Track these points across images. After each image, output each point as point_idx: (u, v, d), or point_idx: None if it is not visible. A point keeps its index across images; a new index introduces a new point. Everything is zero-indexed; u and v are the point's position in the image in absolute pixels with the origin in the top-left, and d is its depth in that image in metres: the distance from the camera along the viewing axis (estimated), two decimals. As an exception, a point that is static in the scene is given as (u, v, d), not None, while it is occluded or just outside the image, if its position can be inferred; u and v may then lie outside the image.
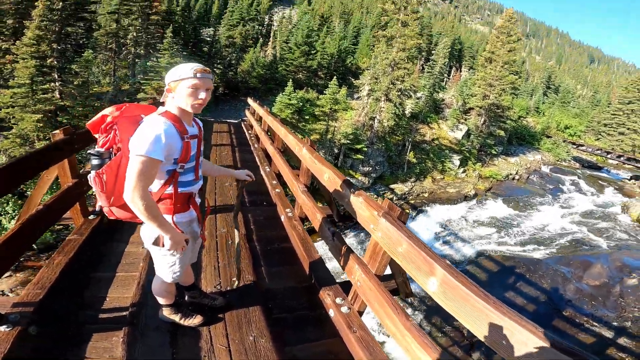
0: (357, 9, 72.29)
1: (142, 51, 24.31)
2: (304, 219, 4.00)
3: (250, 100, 12.59)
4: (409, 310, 10.89)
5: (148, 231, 1.71)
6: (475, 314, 1.29)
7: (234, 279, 2.69)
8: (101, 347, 2.02)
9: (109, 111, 1.63)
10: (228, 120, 15.99)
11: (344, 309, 2.35)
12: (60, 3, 16.92)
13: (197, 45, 29.29)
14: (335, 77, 23.39)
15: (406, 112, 24.07)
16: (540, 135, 37.42)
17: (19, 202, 10.70)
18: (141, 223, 1.66)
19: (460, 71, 53.74)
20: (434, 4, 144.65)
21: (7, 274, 9.36)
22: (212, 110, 23.46)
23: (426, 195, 21.74)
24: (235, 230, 2.36)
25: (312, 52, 31.94)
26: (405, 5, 21.34)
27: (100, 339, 2.08)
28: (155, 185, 1.60)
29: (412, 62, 22.26)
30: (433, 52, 40.51)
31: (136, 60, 24.26)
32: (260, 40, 43.10)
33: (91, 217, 3.45)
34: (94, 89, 18.91)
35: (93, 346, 2.03)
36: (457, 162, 25.84)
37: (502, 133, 29.47)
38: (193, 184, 1.71)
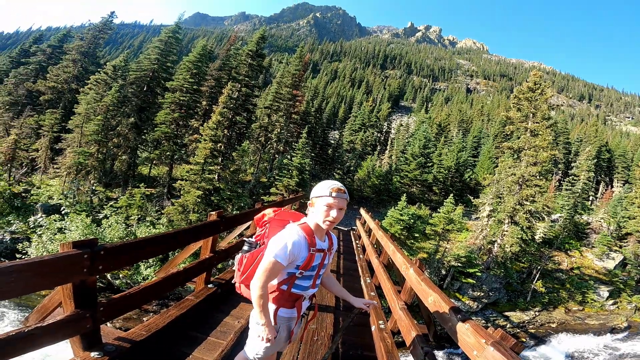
0: (476, 117, 70.50)
1: (281, 147, 28.55)
2: (395, 333, 3.88)
3: (362, 211, 13.19)
4: None
5: (256, 314, 1.91)
6: None
7: None
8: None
9: (268, 212, 2.02)
10: (339, 227, 16.66)
11: None
12: (237, 93, 21.46)
13: (323, 148, 32.60)
14: (451, 194, 22.24)
15: (536, 237, 20.66)
16: None
17: (159, 256, 13.05)
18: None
19: (612, 187, 44.90)
20: (568, 106, 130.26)
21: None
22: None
23: (554, 325, 17.81)
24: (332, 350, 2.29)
25: (429, 164, 31.38)
26: (534, 112, 18.83)
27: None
28: (277, 279, 1.85)
29: (546, 178, 19.02)
30: (573, 164, 35.56)
31: (275, 155, 28.39)
32: (378, 147, 46.15)
33: (210, 285, 4.03)
34: (241, 177, 22.70)
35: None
36: (605, 294, 20.84)
37: (676, 262, 22.63)
38: (306, 289, 1.87)
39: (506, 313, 17.94)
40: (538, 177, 18.16)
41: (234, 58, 27.19)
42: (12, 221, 15.59)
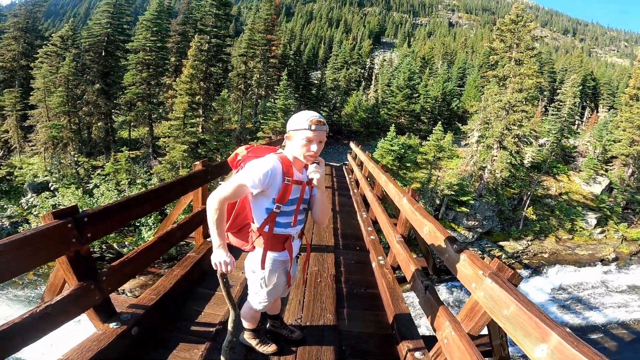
0: (460, 49, 69.49)
1: (262, 92, 28.33)
2: (396, 268, 3.92)
3: (352, 145, 13.09)
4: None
5: (249, 263, 1.91)
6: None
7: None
8: (182, 356, 2.22)
9: (240, 150, 1.90)
10: (331, 163, 16.69)
11: (422, 366, 2.09)
12: (207, 45, 20.70)
13: (307, 88, 32.15)
14: (439, 122, 22.16)
15: (525, 161, 21.27)
16: None
17: (159, 217, 13.13)
18: (248, 251, 1.90)
19: (597, 112, 45.56)
20: (553, 39, 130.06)
21: (130, 276, 11.36)
22: (316, 152, 25.60)
23: (546, 255, 18.70)
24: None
25: (415, 95, 31.25)
26: (518, 43, 19.13)
27: (184, 349, 2.29)
28: (257, 222, 1.78)
29: (532, 104, 19.41)
30: (558, 91, 35.66)
31: (258, 100, 28.25)
32: (363, 83, 45.25)
33: (209, 239, 3.90)
34: (226, 126, 22.31)
35: (175, 354, 2.23)
36: (593, 221, 21.63)
37: (658, 187, 23.73)
38: (288, 227, 1.80)
39: (500, 243, 18.72)
40: (524, 102, 18.58)
41: (197, 10, 25.34)
42: (5, 206, 15.39)
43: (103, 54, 21.36)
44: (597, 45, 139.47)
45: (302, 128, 1.61)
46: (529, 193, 20.86)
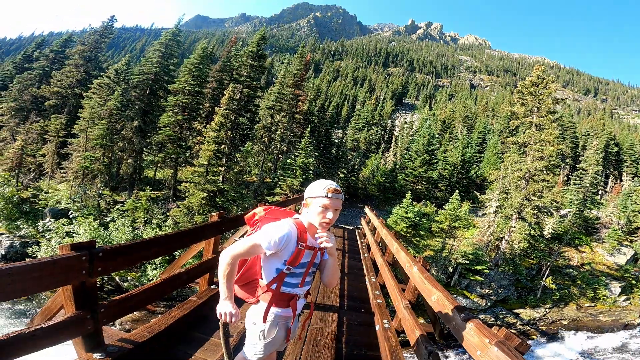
0: (481, 113, 70.33)
1: (284, 147, 28.70)
2: (400, 332, 3.85)
3: (367, 209, 13.16)
4: None
5: (251, 314, 1.93)
6: None
7: None
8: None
9: (258, 210, 2.00)
10: (344, 226, 16.61)
11: None
12: (239, 94, 21.65)
13: (327, 147, 32.54)
14: (457, 190, 21.85)
15: (545, 232, 20.36)
16: None
17: (166, 257, 13.12)
18: (252, 304, 1.93)
19: (621, 181, 44.27)
20: (574, 100, 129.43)
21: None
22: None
23: (565, 322, 17.77)
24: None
25: (433, 161, 31.02)
26: (539, 106, 18.77)
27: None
28: (266, 279, 1.83)
29: (553, 173, 18.61)
30: (580, 157, 35.15)
31: (279, 155, 28.55)
32: (382, 145, 46.19)
33: (213, 286, 4.02)
34: (245, 178, 22.77)
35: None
36: (617, 290, 20.76)
37: (686, 257, 22.58)
38: (295, 287, 1.84)
39: (516, 310, 17.79)
40: (545, 171, 17.92)
41: (235, 59, 27.27)
42: (21, 226, 15.84)
43: (147, 92, 22.90)
44: (618, 105, 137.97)
45: (319, 195, 1.69)
46: (548, 263, 19.96)
